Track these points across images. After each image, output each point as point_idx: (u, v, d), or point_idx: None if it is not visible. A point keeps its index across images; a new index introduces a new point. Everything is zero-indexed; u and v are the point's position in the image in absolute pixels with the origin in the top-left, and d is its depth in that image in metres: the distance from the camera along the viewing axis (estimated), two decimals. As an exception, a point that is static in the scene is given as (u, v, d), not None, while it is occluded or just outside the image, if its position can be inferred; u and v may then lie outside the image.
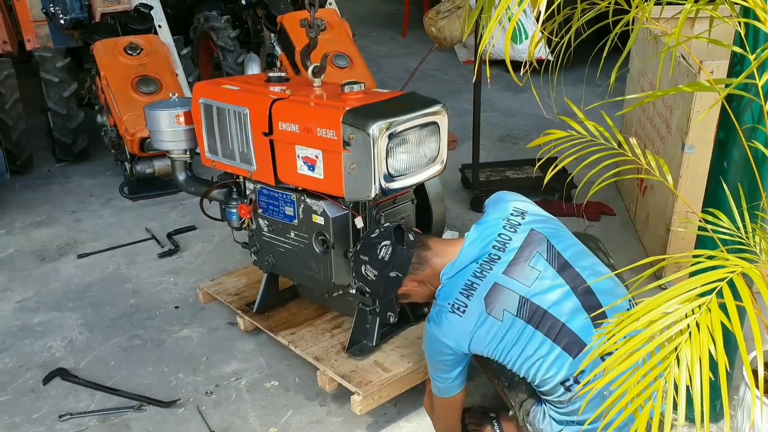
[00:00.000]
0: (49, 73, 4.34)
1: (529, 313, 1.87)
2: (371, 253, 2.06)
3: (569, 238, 2.05)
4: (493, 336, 1.88)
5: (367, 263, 2.07)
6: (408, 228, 2.13)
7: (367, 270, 2.07)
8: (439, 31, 3.94)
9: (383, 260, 2.04)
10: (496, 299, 1.89)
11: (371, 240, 2.09)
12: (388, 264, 2.04)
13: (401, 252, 2.04)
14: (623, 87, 4.06)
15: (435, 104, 2.28)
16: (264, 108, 2.32)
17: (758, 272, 1.34)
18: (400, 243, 2.05)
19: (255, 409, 2.48)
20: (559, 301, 1.88)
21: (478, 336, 1.89)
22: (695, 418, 1.24)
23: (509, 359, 1.90)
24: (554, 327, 1.86)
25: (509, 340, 1.88)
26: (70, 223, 3.96)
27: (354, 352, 2.48)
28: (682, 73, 2.88)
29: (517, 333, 1.87)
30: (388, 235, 2.07)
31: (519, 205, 2.08)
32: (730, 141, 1.91)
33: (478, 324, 1.88)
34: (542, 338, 1.86)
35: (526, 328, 1.87)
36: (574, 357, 1.84)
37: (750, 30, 1.73)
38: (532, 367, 1.88)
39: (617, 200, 3.94)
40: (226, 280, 3.08)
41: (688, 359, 1.24)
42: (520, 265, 1.93)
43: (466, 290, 1.92)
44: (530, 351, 1.87)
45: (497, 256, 1.95)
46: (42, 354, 2.82)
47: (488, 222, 2.05)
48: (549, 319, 1.86)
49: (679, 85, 2.29)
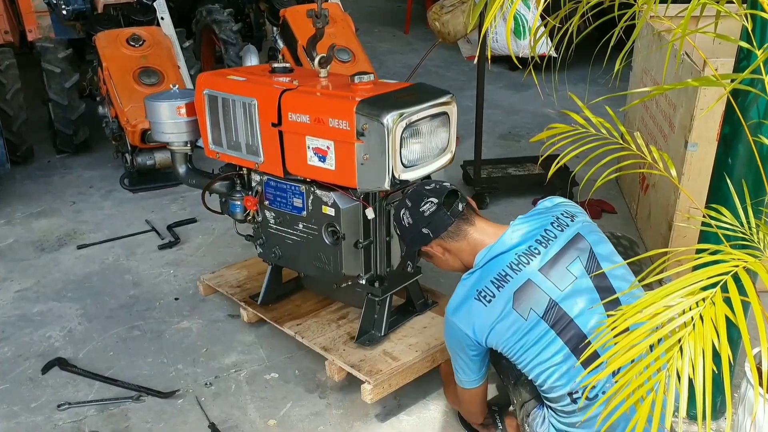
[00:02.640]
0: (51, 63, 4.33)
1: (555, 317, 1.82)
2: (416, 202, 2.02)
3: (612, 252, 1.98)
4: (513, 332, 1.83)
5: (408, 209, 2.03)
6: (462, 197, 2.05)
7: (404, 214, 2.04)
8: (443, 25, 3.93)
9: (422, 214, 1.99)
10: (526, 296, 1.83)
11: (423, 191, 2.04)
12: (426, 220, 1.99)
13: (443, 215, 1.98)
14: (626, 87, 4.05)
15: (445, 94, 2.28)
16: (273, 99, 2.30)
17: (763, 267, 1.34)
18: (448, 207, 1.99)
19: (254, 400, 2.48)
20: (586, 313, 1.82)
21: (499, 329, 1.84)
22: (697, 413, 1.24)
23: (523, 359, 1.86)
24: (575, 337, 1.81)
25: (529, 341, 1.83)
26: (71, 214, 3.96)
27: (363, 342, 2.50)
28: (686, 71, 2.87)
29: (539, 335, 1.82)
30: (440, 193, 2.01)
31: (570, 209, 2.03)
32: (736, 137, 1.90)
33: (501, 316, 1.83)
34: (561, 345, 1.81)
35: (549, 332, 1.81)
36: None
37: (758, 24, 1.73)
38: (544, 373, 1.84)
39: (618, 198, 3.94)
40: (226, 273, 3.07)
41: (691, 351, 1.23)
42: (558, 266, 1.87)
43: (498, 280, 1.87)
44: (546, 356, 1.82)
45: (538, 251, 1.89)
46: (41, 343, 2.82)
47: (537, 215, 1.99)
48: (573, 329, 1.81)
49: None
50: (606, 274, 1.88)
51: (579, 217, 1.99)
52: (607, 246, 1.98)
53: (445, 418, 2.39)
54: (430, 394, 2.49)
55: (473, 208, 2.06)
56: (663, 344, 1.28)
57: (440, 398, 2.46)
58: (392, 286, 2.52)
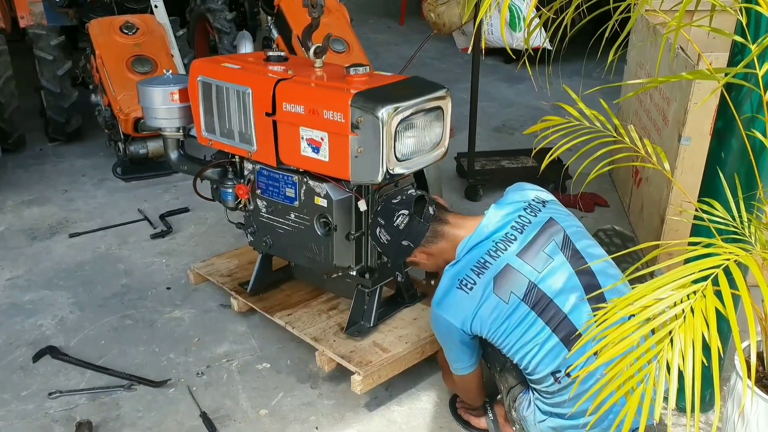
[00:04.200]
0: (43, 51, 4.29)
1: (535, 299, 1.87)
2: (388, 218, 2.08)
3: (584, 234, 2.04)
4: (496, 316, 1.88)
5: (383, 227, 2.09)
6: (430, 200, 2.11)
7: (381, 233, 2.10)
8: (438, 17, 3.93)
9: (398, 228, 2.05)
10: (505, 280, 1.89)
11: (392, 205, 2.10)
12: (402, 233, 2.05)
13: (417, 224, 2.04)
14: (620, 80, 4.05)
15: (440, 89, 2.28)
16: (267, 88, 2.29)
17: (754, 261, 1.35)
18: (419, 214, 2.05)
19: (246, 390, 2.48)
20: (564, 292, 1.88)
21: (482, 314, 1.89)
22: (686, 405, 1.24)
23: (507, 343, 1.91)
24: (556, 317, 1.86)
25: (511, 323, 1.88)
26: (63, 202, 3.94)
27: (353, 333, 2.50)
28: (681, 64, 2.88)
29: (520, 317, 1.87)
30: (408, 204, 2.07)
31: (541, 195, 2.09)
32: (729, 131, 1.91)
33: (482, 300, 1.89)
34: (543, 326, 1.86)
35: (530, 313, 1.87)
36: (569, 349, 1.84)
37: (752, 18, 1.73)
38: (528, 354, 1.89)
39: (612, 192, 3.95)
40: (217, 261, 3.07)
41: (681, 343, 1.24)
42: (534, 250, 1.93)
43: (478, 268, 1.92)
44: (529, 337, 1.87)
45: (514, 237, 1.95)
46: (32, 332, 2.81)
47: (509, 203, 2.05)
48: (552, 308, 1.86)
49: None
50: (581, 253, 1.95)
51: (550, 203, 2.06)
52: (580, 228, 2.04)
53: (435, 408, 2.40)
54: (421, 385, 2.50)
55: (443, 207, 2.14)
56: (654, 336, 1.28)
57: (431, 388, 2.47)
58: (382, 277, 2.53)
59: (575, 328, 1.84)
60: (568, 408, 1.87)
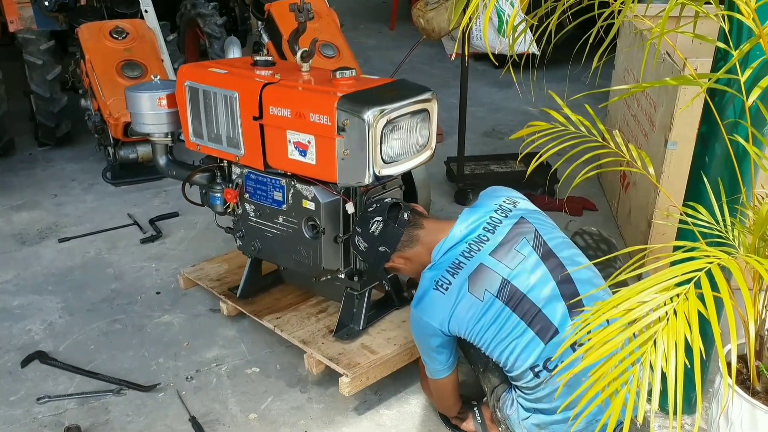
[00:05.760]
0: (33, 55, 4.29)
1: (508, 294, 1.92)
2: (364, 226, 2.15)
3: (555, 230, 2.10)
4: (472, 315, 1.93)
5: (360, 234, 2.17)
6: (405, 206, 2.18)
7: (359, 240, 2.18)
8: (427, 22, 3.93)
9: (373, 234, 2.12)
10: (479, 279, 1.94)
11: (367, 214, 2.17)
12: (378, 239, 2.12)
13: (391, 230, 2.11)
14: (608, 85, 4.08)
15: (426, 92, 2.30)
16: (254, 92, 2.30)
17: (737, 264, 1.37)
18: (393, 220, 2.11)
19: (235, 395, 2.48)
20: (537, 287, 1.93)
21: (458, 313, 1.94)
22: (669, 407, 1.26)
23: (484, 341, 1.95)
24: (530, 311, 1.90)
25: (486, 321, 1.92)
26: (52, 207, 3.93)
27: (341, 336, 2.51)
28: (667, 70, 2.90)
29: (495, 314, 1.92)
30: (382, 211, 2.14)
31: (512, 196, 2.17)
32: (713, 136, 1.93)
33: (458, 299, 1.94)
34: (517, 321, 1.91)
35: (504, 309, 1.91)
36: (546, 343, 1.89)
37: (734, 26, 1.76)
38: (505, 350, 1.93)
39: (600, 196, 3.98)
40: (207, 266, 3.07)
41: (664, 345, 1.26)
42: (506, 248, 1.98)
43: (453, 269, 1.98)
44: (505, 333, 1.92)
45: (486, 237, 2.01)
46: (21, 337, 2.80)
47: (481, 206, 2.13)
48: (526, 303, 1.91)
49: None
50: (553, 251, 2.00)
51: (521, 203, 2.14)
52: (550, 225, 2.10)
53: (424, 411, 2.40)
54: (410, 389, 2.50)
55: (419, 212, 2.19)
56: (637, 339, 1.30)
57: (420, 392, 2.48)
58: (371, 280, 2.54)
59: (550, 322, 1.89)
60: (549, 403, 1.91)
